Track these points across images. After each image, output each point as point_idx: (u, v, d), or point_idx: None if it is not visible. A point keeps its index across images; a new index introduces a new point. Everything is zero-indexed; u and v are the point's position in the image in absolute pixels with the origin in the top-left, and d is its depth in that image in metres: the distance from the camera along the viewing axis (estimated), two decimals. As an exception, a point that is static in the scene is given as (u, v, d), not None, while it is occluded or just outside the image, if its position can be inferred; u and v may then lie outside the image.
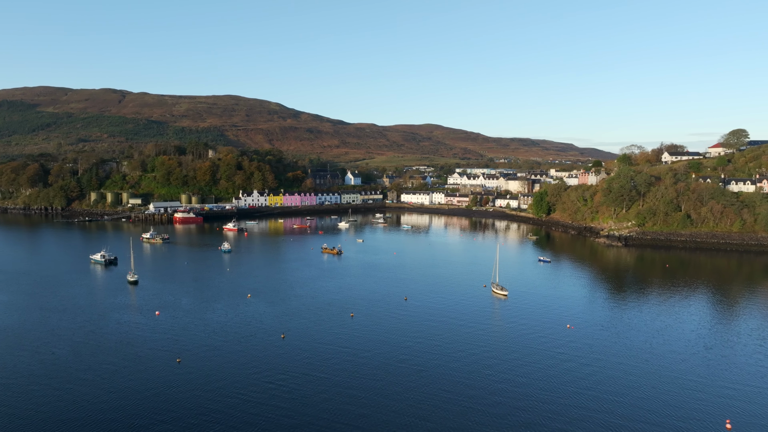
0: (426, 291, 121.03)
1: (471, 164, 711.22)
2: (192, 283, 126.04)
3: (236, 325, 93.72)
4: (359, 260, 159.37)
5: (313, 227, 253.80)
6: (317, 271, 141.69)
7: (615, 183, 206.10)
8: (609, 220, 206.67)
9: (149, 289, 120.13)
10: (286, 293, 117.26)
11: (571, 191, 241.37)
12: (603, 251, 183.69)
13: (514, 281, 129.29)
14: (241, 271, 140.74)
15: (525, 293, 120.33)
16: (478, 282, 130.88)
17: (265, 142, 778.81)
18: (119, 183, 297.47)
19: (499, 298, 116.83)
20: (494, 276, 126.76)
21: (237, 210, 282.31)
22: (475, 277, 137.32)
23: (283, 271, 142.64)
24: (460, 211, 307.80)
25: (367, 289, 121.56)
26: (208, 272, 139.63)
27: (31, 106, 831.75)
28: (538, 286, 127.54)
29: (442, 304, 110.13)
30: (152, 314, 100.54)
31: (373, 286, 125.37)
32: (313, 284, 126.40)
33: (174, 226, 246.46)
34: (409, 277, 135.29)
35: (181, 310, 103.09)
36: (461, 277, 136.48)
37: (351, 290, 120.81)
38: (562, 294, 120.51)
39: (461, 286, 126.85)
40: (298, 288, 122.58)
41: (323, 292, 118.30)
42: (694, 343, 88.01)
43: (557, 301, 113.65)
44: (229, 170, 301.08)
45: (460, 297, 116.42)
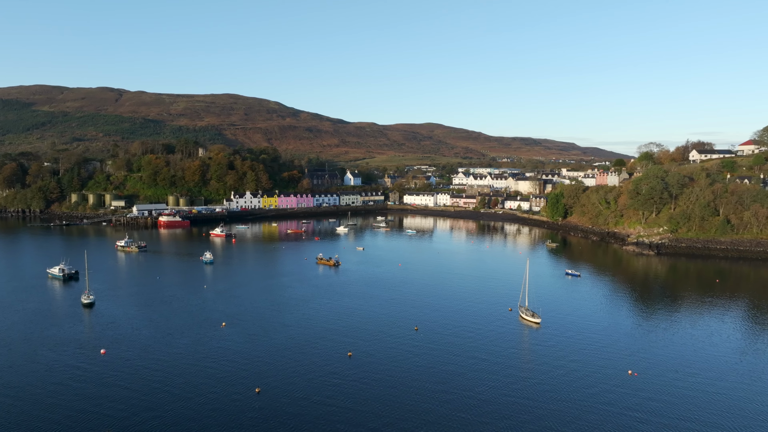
0: (440, 317, 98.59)
1: (473, 164, 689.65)
2: (159, 306, 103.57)
3: (199, 372, 71.27)
4: (359, 274, 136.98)
5: (309, 231, 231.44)
6: (310, 290, 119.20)
7: (644, 184, 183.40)
8: (637, 225, 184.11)
9: (104, 315, 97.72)
10: (270, 322, 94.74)
11: (590, 193, 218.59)
12: (633, 261, 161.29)
13: (542, 301, 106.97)
14: (220, 290, 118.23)
15: (561, 320, 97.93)
16: (501, 304, 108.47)
17: (264, 141, 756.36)
18: (103, 184, 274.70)
19: (529, 326, 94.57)
20: (522, 298, 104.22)
21: (228, 213, 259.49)
22: (496, 296, 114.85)
23: (270, 289, 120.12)
24: (467, 214, 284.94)
25: (369, 315, 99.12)
26: (181, 290, 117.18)
27: (27, 105, 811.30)
28: (574, 310, 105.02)
29: (460, 337, 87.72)
30: (97, 353, 78.28)
31: (376, 310, 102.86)
32: (305, 308, 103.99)
33: (159, 231, 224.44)
34: (418, 298, 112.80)
35: (135, 347, 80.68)
36: (480, 297, 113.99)
37: (349, 317, 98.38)
38: (609, 322, 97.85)
39: (481, 310, 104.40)
40: (285, 313, 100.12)
41: (315, 321, 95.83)
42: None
43: (605, 333, 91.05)
44: (220, 170, 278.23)
45: (481, 326, 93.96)
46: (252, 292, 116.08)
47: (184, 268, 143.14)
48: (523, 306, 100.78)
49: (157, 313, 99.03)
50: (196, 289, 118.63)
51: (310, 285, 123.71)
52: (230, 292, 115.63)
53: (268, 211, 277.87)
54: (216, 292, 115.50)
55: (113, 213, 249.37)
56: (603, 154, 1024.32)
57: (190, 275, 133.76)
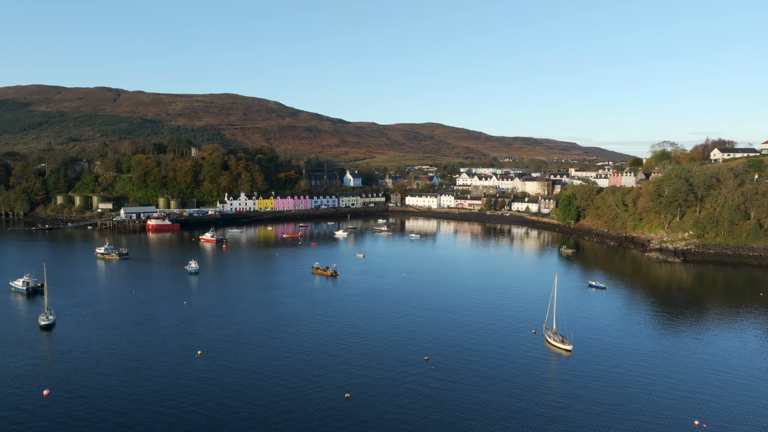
0: (451, 343, 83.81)
1: (475, 164, 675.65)
2: (128, 329, 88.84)
3: (159, 419, 56.49)
4: (359, 286, 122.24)
5: (307, 234, 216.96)
6: (304, 306, 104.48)
7: (666, 185, 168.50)
8: (659, 229, 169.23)
9: (62, 341, 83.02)
10: (254, 350, 80.00)
11: (606, 194, 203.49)
12: (658, 269, 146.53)
13: (568, 320, 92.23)
14: (201, 306, 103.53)
15: (594, 345, 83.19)
16: (522, 324, 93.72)
17: (263, 141, 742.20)
18: (90, 185, 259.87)
19: (558, 353, 79.90)
20: (549, 319, 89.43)
21: (221, 216, 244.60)
22: (515, 315, 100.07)
23: (258, 305, 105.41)
24: (472, 216, 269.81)
25: (371, 341, 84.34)
26: (158, 307, 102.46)
27: (24, 105, 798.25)
28: (608, 332, 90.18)
29: (477, 369, 73.11)
30: (39, 395, 63.70)
31: (379, 334, 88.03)
32: (296, 330, 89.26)
33: (147, 235, 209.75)
34: (426, 317, 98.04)
35: (88, 386, 66.03)
36: (496, 316, 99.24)
37: (348, 342, 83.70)
38: (652, 348, 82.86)
39: (499, 332, 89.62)
40: (273, 337, 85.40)
41: (307, 348, 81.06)
42: None
43: (651, 363, 76.11)
44: (213, 170, 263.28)
45: (501, 354, 79.19)
46: (238, 310, 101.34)
47: (165, 280, 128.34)
48: (550, 329, 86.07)
49: (124, 338, 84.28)
50: (175, 305, 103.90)
51: (304, 300, 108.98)
52: (213, 310, 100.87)
53: (264, 213, 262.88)
54: (197, 310, 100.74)
55: (100, 216, 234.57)
56: (605, 154, 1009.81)
57: (171, 288, 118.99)
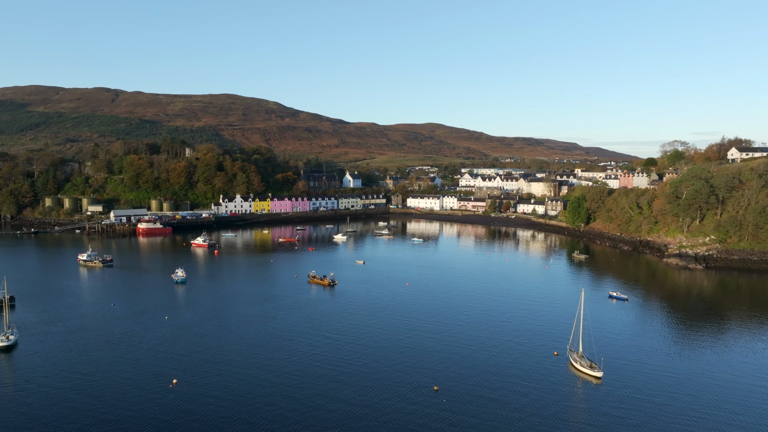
0: (463, 368, 73.04)
1: (476, 164, 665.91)
2: (98, 352, 78.18)
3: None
4: (359, 297, 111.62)
5: (304, 237, 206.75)
6: (298, 322, 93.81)
7: (685, 186, 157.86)
8: (677, 233, 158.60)
9: (20, 368, 72.40)
10: (238, 377, 69.25)
11: (619, 196, 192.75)
12: (678, 276, 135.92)
13: (594, 338, 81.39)
14: (184, 323, 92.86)
15: (625, 369, 72.52)
16: (542, 343, 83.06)
17: (263, 141, 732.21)
18: (81, 187, 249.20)
19: (586, 380, 69.27)
20: (575, 341, 78.60)
21: (215, 218, 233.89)
22: (532, 332, 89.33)
23: (247, 321, 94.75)
24: (476, 219, 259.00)
25: (372, 367, 73.54)
26: (135, 324, 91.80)
27: (21, 106, 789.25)
28: (638, 353, 79.39)
29: (496, 396, 62.54)
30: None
31: (382, 358, 77.18)
32: (289, 352, 78.50)
33: (138, 239, 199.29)
34: (434, 335, 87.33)
35: (40, 429, 55.40)
36: (511, 333, 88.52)
37: (346, 366, 73.02)
38: (692, 371, 72.21)
39: (516, 353, 78.98)
40: (262, 361, 74.72)
41: (302, 373, 70.34)
42: None
43: (698, 392, 65.29)
44: (207, 171, 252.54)
45: (520, 380, 68.49)
46: (224, 327, 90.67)
47: (149, 290, 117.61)
48: (576, 351, 75.36)
49: (92, 363, 73.60)
50: (156, 321, 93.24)
51: (298, 315, 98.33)
52: (196, 327, 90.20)
53: (260, 216, 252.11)
54: (178, 327, 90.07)
55: (89, 219, 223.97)
56: (606, 154, 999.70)
57: (154, 300, 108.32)
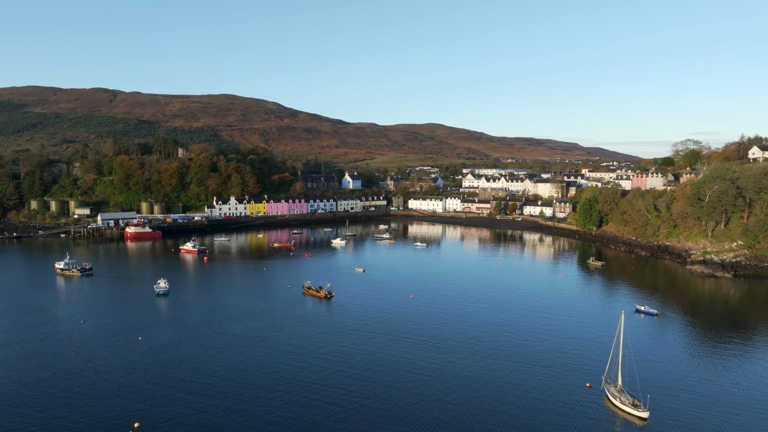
0: (481, 395, 60.99)
1: (477, 164, 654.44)
2: (55, 384, 66.12)
3: None
4: (359, 312, 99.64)
5: (302, 240, 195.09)
6: (290, 343, 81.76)
7: (708, 187, 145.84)
8: (700, 238, 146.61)
9: (-47, 405, 60.49)
10: (217, 414, 57.16)
11: (633, 198, 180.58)
12: (703, 284, 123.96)
13: (628, 365, 69.33)
14: (159, 345, 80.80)
15: (675, 406, 60.52)
16: (569, 370, 70.99)
17: (262, 142, 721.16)
18: (69, 189, 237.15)
19: (628, 420, 57.30)
20: (612, 371, 66.38)
21: (208, 222, 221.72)
22: (557, 355, 77.18)
23: (232, 343, 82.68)
24: (481, 221, 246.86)
25: (377, 396, 61.58)
26: (105, 346, 79.80)
27: (19, 106, 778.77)
28: (690, 385, 67.22)
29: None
30: None
31: (386, 388, 65.16)
32: (277, 383, 66.54)
33: (126, 244, 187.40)
34: (444, 356, 75.30)
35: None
36: (533, 356, 76.36)
37: (344, 398, 60.80)
38: (761, 406, 60.35)
39: (541, 382, 66.90)
40: (246, 391, 62.69)
41: (290, 413, 58.26)
42: None
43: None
44: (201, 172, 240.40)
45: (550, 415, 56.52)
46: (205, 350, 78.66)
47: (126, 305, 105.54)
48: (614, 384, 63.37)
49: (44, 400, 61.56)
50: (128, 343, 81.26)
51: (290, 334, 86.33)
52: (172, 351, 78.22)
53: (256, 219, 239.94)
54: (152, 351, 78.11)
55: (76, 222, 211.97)
56: (607, 154, 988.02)
57: (131, 316, 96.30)
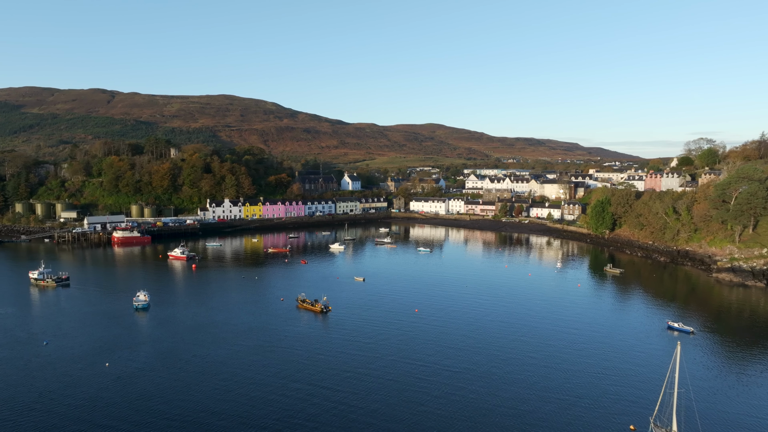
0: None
1: (478, 164, 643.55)
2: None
3: None
4: (358, 330, 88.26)
5: (299, 244, 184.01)
6: (279, 371, 70.32)
7: (734, 188, 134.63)
8: (726, 243, 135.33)
9: None
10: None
11: (650, 200, 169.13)
12: (735, 295, 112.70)
13: (675, 398, 57.95)
14: (129, 373, 69.37)
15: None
16: (607, 405, 59.62)
17: (261, 142, 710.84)
18: (56, 191, 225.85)
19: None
20: (665, 412, 54.82)
21: (201, 225, 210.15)
22: (590, 387, 65.60)
23: (211, 370, 71.28)
24: (485, 224, 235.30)
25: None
26: (67, 375, 68.47)
27: (16, 107, 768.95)
28: (746, 426, 56.20)
29: None
30: None
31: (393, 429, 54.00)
32: (263, 420, 55.18)
33: (113, 250, 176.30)
34: (461, 390, 63.78)
35: None
36: (560, 387, 65.02)
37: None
38: None
39: (575, 420, 55.69)
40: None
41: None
42: None
43: None
44: (193, 173, 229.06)
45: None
46: (180, 380, 67.27)
47: (100, 321, 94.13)
48: (667, 427, 52.00)
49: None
50: (94, 370, 69.92)
51: (280, 359, 74.92)
52: (142, 381, 66.77)
53: (251, 222, 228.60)
54: (120, 380, 66.75)
55: (62, 226, 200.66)
56: (608, 154, 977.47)
57: (103, 335, 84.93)
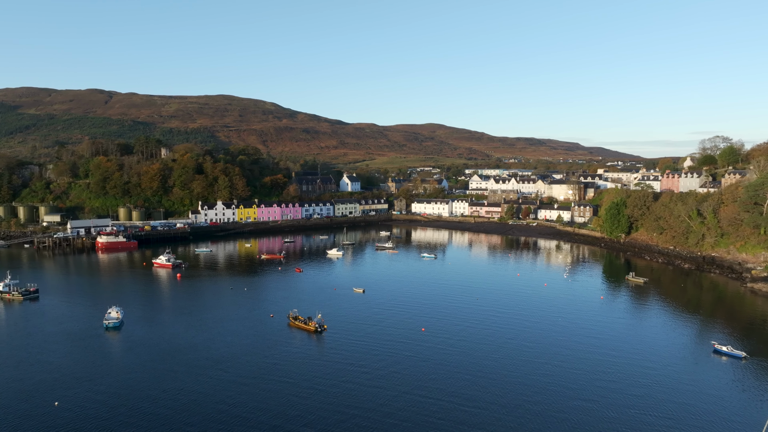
0: None
1: (479, 165, 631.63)
2: None
3: None
4: (357, 354, 75.96)
5: (295, 249, 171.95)
6: (262, 407, 57.95)
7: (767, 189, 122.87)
8: (759, 249, 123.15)
9: None
10: None
11: (671, 202, 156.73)
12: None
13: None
14: (83, 415, 57.09)
15: None
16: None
17: (259, 143, 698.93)
18: (40, 193, 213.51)
19: None
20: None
21: (191, 229, 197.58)
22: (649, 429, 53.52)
23: (183, 410, 58.91)
24: (491, 226, 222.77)
25: None
26: (1, 420, 56.44)
27: (12, 108, 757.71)
28: None
29: None
30: None
31: None
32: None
33: (97, 256, 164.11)
34: (483, 424, 51.75)
35: None
36: (609, 423, 52.85)
37: None
38: None
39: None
40: None
41: None
42: None
43: None
44: (185, 174, 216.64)
45: None
46: (136, 429, 55.08)
47: (65, 344, 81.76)
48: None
49: None
50: (38, 412, 57.64)
51: (265, 393, 62.55)
52: (90, 425, 54.65)
53: (245, 225, 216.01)
54: (67, 425, 54.67)
55: (44, 231, 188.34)
56: (609, 154, 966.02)
57: (61, 365, 72.51)
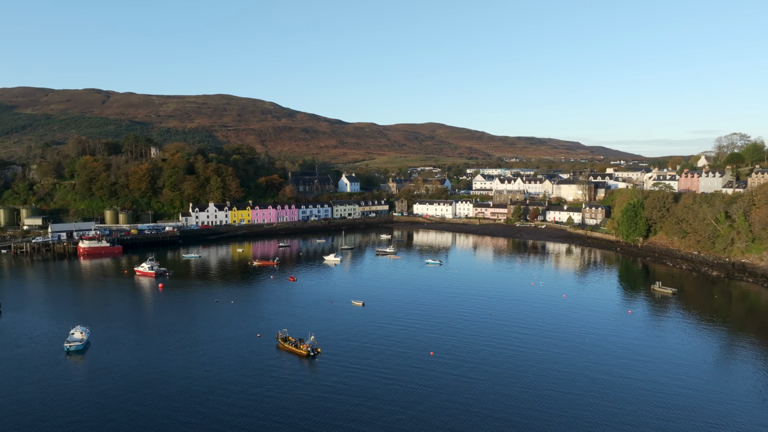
0: None
1: (480, 164, 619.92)
2: None
3: None
4: (356, 384, 63.90)
5: (291, 254, 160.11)
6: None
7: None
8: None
9: None
10: None
11: (694, 203, 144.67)
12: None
13: None
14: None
15: None
16: None
17: (258, 142, 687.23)
18: (23, 195, 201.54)
19: None
20: None
21: (181, 232, 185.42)
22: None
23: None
24: (497, 229, 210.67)
25: None
26: None
27: (9, 108, 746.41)
28: None
29: None
30: None
31: None
32: None
33: (79, 262, 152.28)
34: None
35: None
36: None
37: None
38: None
39: None
40: None
41: None
42: None
43: None
44: (175, 175, 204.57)
45: None
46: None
47: (14, 371, 69.93)
48: None
49: None
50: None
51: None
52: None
53: (239, 228, 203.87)
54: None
55: (24, 235, 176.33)
56: (610, 153, 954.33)
57: (4, 403, 60.81)
